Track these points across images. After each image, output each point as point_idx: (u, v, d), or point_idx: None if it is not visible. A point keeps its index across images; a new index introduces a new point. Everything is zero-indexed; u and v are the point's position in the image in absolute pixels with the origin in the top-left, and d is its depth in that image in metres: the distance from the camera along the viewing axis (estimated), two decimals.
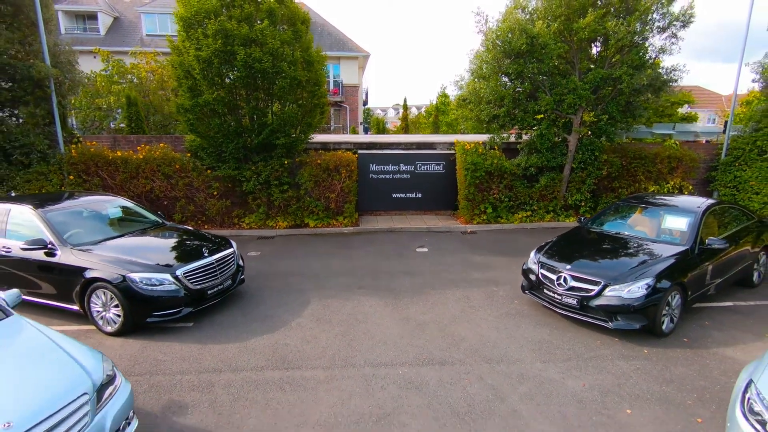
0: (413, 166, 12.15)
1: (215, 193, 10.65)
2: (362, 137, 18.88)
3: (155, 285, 5.33)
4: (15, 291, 3.99)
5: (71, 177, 10.17)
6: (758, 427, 2.81)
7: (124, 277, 5.24)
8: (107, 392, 3.17)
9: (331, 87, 27.23)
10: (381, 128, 38.92)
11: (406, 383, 4.38)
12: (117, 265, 5.38)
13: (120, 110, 16.30)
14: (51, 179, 10.01)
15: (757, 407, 2.87)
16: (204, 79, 9.35)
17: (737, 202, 7.87)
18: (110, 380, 3.26)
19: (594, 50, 10.74)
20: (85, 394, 2.97)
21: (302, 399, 4.13)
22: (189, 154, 10.65)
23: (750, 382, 3.07)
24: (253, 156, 10.41)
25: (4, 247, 5.82)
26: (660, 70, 10.20)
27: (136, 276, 5.28)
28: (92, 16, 27.25)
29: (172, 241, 6.41)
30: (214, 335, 5.42)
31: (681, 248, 5.70)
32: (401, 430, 3.69)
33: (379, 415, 3.90)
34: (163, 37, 27.26)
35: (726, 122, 12.20)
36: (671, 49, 9.87)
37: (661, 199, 7.08)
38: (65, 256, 5.52)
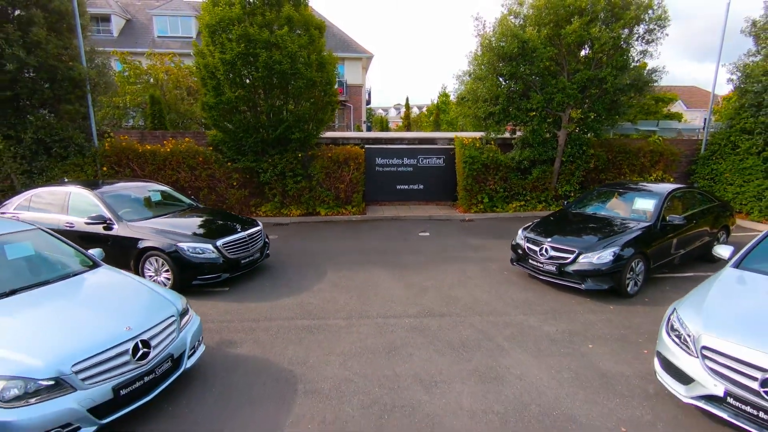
0: (416, 160, 13.14)
1: (235, 183, 11.65)
2: (369, 134, 19.84)
3: (200, 253, 6.33)
4: (98, 249, 4.98)
5: (104, 168, 11.19)
6: (676, 339, 3.78)
7: (175, 246, 6.24)
8: (185, 319, 4.16)
9: (336, 87, 28.19)
10: (384, 126, 39.91)
11: (411, 328, 5.37)
12: (167, 237, 6.38)
13: (133, 110, 17.38)
14: (86, 170, 11.03)
15: (676, 326, 3.84)
16: (227, 80, 10.35)
17: (702, 189, 8.80)
18: (186, 311, 4.25)
19: (582, 53, 11.69)
20: (172, 316, 3.96)
21: (327, 338, 5.11)
22: (211, 148, 11.65)
23: (674, 309, 4.05)
24: (269, 149, 11.41)
25: (67, 222, 6.82)
26: (643, 72, 11.16)
27: (184, 245, 6.28)
28: (105, 18, 28.25)
29: (209, 219, 7.41)
30: (248, 297, 6.41)
31: (646, 224, 6.68)
32: (408, 358, 4.68)
33: (390, 348, 4.88)
34: (174, 38, 28.46)
35: (705, 119, 13.16)
36: (651, 52, 10.83)
37: (634, 185, 8.05)
38: (121, 230, 6.52)
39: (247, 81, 10.78)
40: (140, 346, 3.51)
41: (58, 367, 3.05)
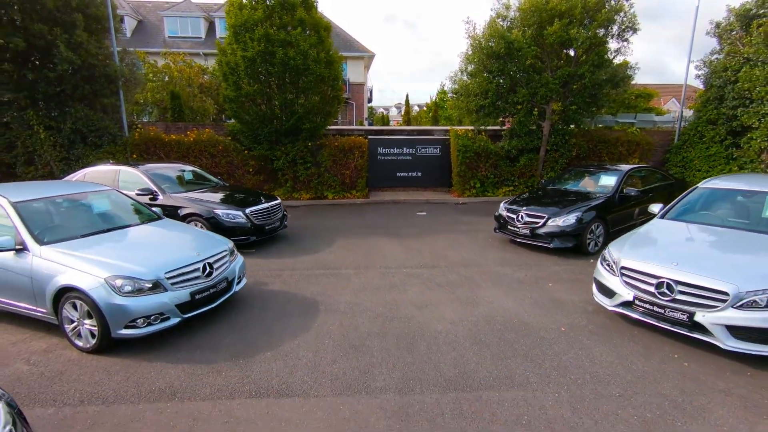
0: (414, 150, 14.40)
1: (251, 169, 12.92)
2: (371, 127, 21.06)
3: (232, 219, 7.60)
4: (158, 208, 6.25)
5: (134, 156, 12.46)
6: (605, 266, 5.03)
7: (212, 212, 7.51)
8: (233, 257, 5.42)
9: (341, 82, 29.42)
10: (386, 123, 41.12)
11: (408, 275, 6.63)
12: (204, 205, 7.66)
13: (150, 106, 18.66)
14: (117, 157, 12.28)
15: (607, 257, 5.09)
16: (246, 75, 11.62)
17: (660, 168, 9.98)
18: (233, 251, 5.51)
19: (564, 51, 12.92)
20: (225, 250, 5.23)
21: (341, 281, 6.37)
22: (230, 138, 12.92)
23: (608, 247, 5.30)
24: (282, 139, 12.67)
25: None
26: (620, 68, 12.38)
27: (219, 212, 7.55)
28: (119, 19, 29.49)
29: (236, 194, 8.67)
30: (272, 255, 7.67)
31: (607, 195, 7.94)
32: (405, 291, 5.93)
33: (390, 286, 6.14)
34: (184, 38, 29.71)
35: (682, 112, 14.40)
36: (624, 51, 12.07)
37: (603, 165, 9.29)
38: (165, 200, 7.79)
39: (262, 77, 12.03)
40: (207, 267, 4.78)
41: (156, 273, 4.31)
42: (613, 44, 12.12)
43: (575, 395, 3.56)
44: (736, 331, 3.89)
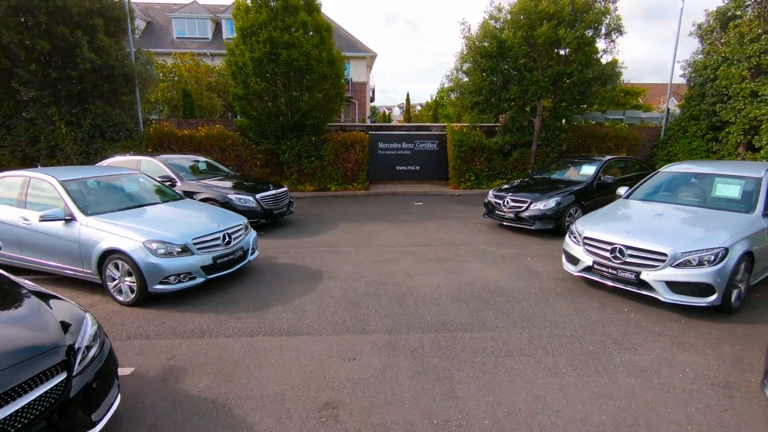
0: (413, 144, 15.16)
1: (258, 163, 13.71)
2: (372, 124, 21.83)
3: (244, 203, 8.38)
4: (179, 191, 7.03)
5: (149, 149, 13.26)
6: (572, 238, 5.76)
7: (226, 197, 8.30)
8: (247, 230, 6.19)
9: (343, 81, 30.18)
10: (388, 121, 41.82)
11: (402, 252, 7.38)
12: (218, 191, 8.45)
13: (160, 104, 19.52)
14: (134, 151, 13.11)
15: (573, 230, 5.82)
16: (254, 75, 12.40)
17: (639, 159, 10.68)
18: (247, 226, 6.28)
19: (555, 51, 13.63)
20: (241, 224, 6.00)
21: (342, 256, 7.13)
22: (239, 133, 13.71)
23: (575, 222, 6.03)
24: (288, 134, 13.45)
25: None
26: (608, 67, 13.08)
27: (232, 196, 8.34)
28: None
29: (247, 181, 9.46)
30: (280, 236, 8.44)
31: (586, 182, 8.67)
32: (399, 264, 6.67)
33: (386, 260, 6.89)
34: (192, 39, 30.57)
35: (668, 109, 15.09)
36: (611, 50, 12.78)
37: (585, 156, 10.02)
38: (182, 186, 8.57)
39: (268, 76, 12.82)
40: (226, 236, 5.55)
41: (185, 239, 5.09)
42: (601, 44, 12.84)
43: (534, 335, 4.30)
44: (673, 286, 4.62)
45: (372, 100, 41.64)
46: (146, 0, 32.49)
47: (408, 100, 43.54)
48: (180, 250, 5.03)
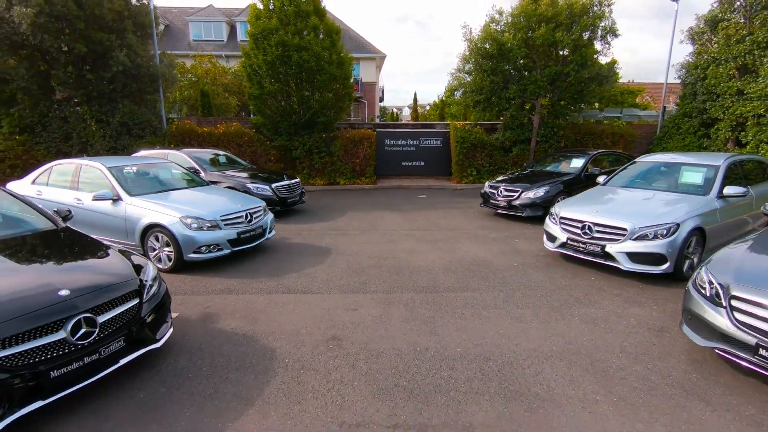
0: (418, 141, 15.95)
1: (272, 158, 14.63)
2: (380, 122, 22.65)
3: (261, 191, 9.26)
4: (203, 177, 7.94)
5: (171, 145, 14.25)
6: (552, 220, 6.51)
7: (245, 185, 9.20)
8: (265, 212, 7.06)
9: (352, 81, 31.06)
10: (396, 120, 42.62)
11: (404, 234, 8.19)
12: (238, 180, 9.35)
13: (178, 104, 20.60)
14: (157, 147, 14.11)
15: (553, 212, 6.56)
16: (268, 76, 13.32)
17: (628, 154, 11.32)
18: (265, 209, 7.15)
19: (554, 52, 14.31)
20: (260, 206, 6.88)
21: (348, 238, 7.96)
22: (254, 130, 14.65)
23: (555, 205, 6.78)
24: (300, 131, 14.35)
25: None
26: (603, 68, 13.72)
27: (251, 185, 9.24)
28: None
29: (263, 173, 10.36)
30: (293, 222, 9.31)
31: (574, 174, 9.39)
32: (400, 244, 7.48)
33: (388, 241, 7.71)
34: (208, 41, 31.74)
35: (664, 107, 15.66)
36: (606, 52, 13.43)
37: (577, 151, 10.71)
38: (205, 176, 9.46)
39: (281, 77, 13.71)
40: (248, 215, 6.43)
41: (214, 216, 5.97)
42: (598, 46, 13.49)
43: (509, 295, 5.09)
44: (632, 256, 5.36)
45: (381, 100, 42.47)
46: (165, 4, 33.70)
47: (415, 99, 44.27)
48: (210, 225, 5.91)
